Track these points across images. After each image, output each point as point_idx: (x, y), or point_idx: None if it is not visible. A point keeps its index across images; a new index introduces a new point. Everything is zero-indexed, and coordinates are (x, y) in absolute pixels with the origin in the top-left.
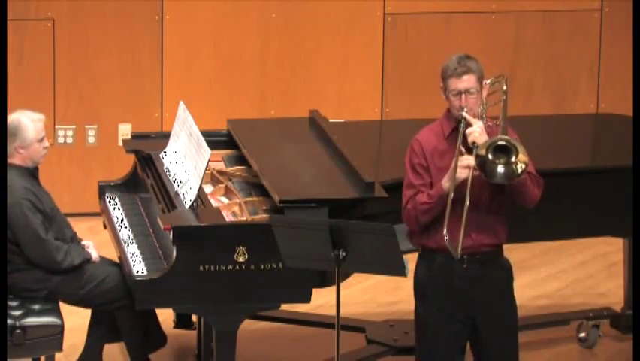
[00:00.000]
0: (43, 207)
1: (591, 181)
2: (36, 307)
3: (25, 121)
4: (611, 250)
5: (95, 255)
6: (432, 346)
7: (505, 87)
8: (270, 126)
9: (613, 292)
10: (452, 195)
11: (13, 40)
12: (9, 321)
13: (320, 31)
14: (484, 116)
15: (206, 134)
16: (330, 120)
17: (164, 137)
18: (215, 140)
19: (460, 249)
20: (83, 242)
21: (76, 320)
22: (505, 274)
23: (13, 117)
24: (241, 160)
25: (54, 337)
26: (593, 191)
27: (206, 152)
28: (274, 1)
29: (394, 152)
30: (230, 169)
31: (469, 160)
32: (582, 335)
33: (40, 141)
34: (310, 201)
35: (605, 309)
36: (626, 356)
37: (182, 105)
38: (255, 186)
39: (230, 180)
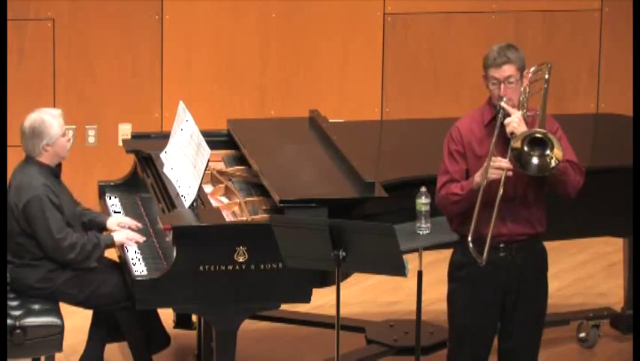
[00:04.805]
0: (61, 205)
1: (591, 181)
2: (36, 307)
3: (49, 118)
4: (611, 250)
5: (119, 237)
6: (464, 332)
7: (547, 76)
8: (270, 126)
9: (613, 292)
10: (481, 191)
11: (13, 40)
12: (9, 321)
13: (320, 31)
14: (525, 105)
15: (206, 134)
16: (330, 120)
17: (164, 137)
18: (215, 140)
19: (485, 255)
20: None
21: (76, 320)
22: (540, 261)
23: (35, 117)
24: (241, 160)
25: (54, 337)
26: (592, 191)
27: (206, 152)
28: (274, 1)
29: (394, 152)
30: (230, 169)
31: (501, 162)
32: (582, 335)
33: (64, 135)
34: (310, 201)
35: (605, 309)
36: (626, 356)
37: (182, 105)
38: (255, 186)
39: (230, 180)
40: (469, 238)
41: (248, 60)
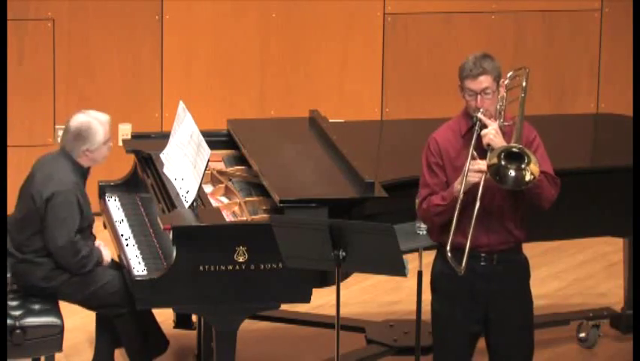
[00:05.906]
0: (84, 207)
1: (591, 181)
2: (36, 307)
3: (96, 125)
4: (611, 250)
5: (106, 255)
6: (446, 343)
7: (524, 83)
8: (270, 126)
9: (613, 292)
10: (461, 197)
11: (13, 40)
12: (9, 321)
13: (320, 31)
14: (502, 113)
15: (206, 134)
16: (330, 120)
17: (164, 137)
18: (215, 140)
19: (464, 264)
20: (96, 242)
21: (76, 320)
22: (521, 271)
23: (83, 121)
24: (241, 160)
25: (54, 337)
26: (593, 191)
27: (206, 152)
28: (274, 1)
29: (394, 152)
30: (230, 169)
31: (480, 165)
32: (582, 335)
33: (106, 142)
34: (310, 201)
35: (605, 309)
36: (626, 356)
37: (181, 105)
38: (255, 186)
39: (230, 180)
40: (448, 248)
41: (248, 60)
